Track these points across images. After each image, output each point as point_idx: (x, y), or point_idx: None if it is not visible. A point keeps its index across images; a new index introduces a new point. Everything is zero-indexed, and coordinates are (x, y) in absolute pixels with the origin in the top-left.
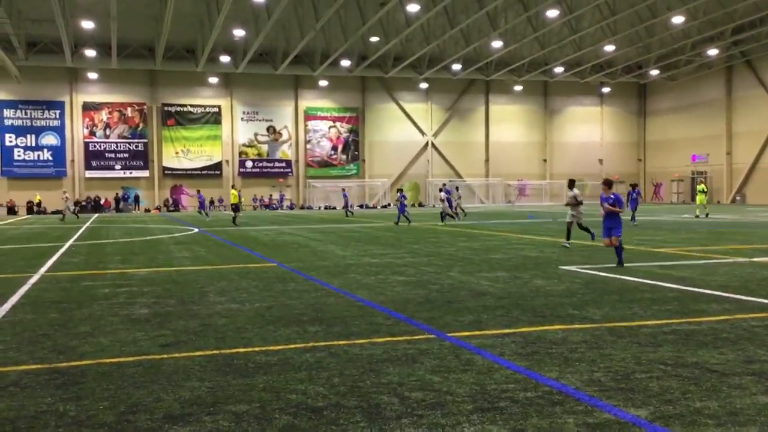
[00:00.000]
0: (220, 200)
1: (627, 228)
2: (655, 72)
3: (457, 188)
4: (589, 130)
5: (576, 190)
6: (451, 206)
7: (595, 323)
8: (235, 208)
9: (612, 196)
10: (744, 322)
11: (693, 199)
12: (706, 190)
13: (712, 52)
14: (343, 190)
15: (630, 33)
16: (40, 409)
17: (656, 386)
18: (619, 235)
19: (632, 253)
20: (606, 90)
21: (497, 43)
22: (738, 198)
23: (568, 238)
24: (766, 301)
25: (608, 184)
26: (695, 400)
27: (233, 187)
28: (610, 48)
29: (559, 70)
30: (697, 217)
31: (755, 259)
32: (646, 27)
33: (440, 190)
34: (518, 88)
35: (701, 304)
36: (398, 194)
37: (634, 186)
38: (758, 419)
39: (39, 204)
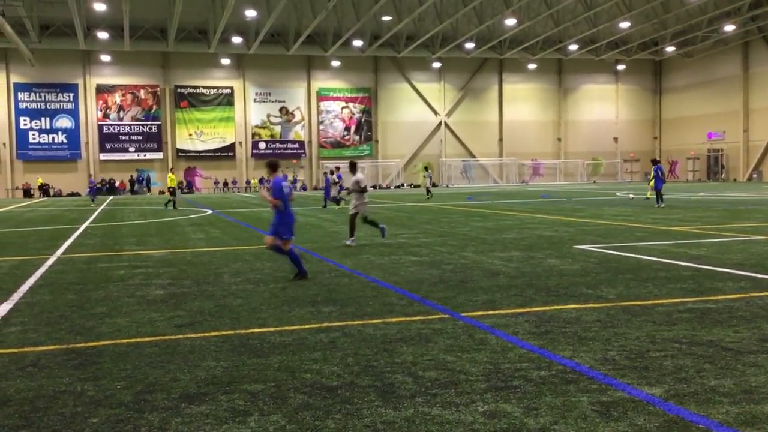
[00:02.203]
0: (234, 182)
1: (644, 208)
2: (671, 49)
3: (426, 168)
4: (604, 108)
5: (360, 175)
6: (341, 189)
7: (610, 302)
8: (172, 191)
9: (273, 181)
10: (760, 300)
11: (708, 177)
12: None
13: (729, 27)
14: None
15: (646, 9)
16: (59, 389)
17: (671, 364)
18: (287, 237)
19: (647, 232)
20: (621, 67)
21: (511, 21)
22: (755, 175)
23: (351, 234)
24: None
25: (271, 166)
26: (710, 378)
27: (171, 170)
28: (625, 25)
29: (573, 47)
30: (647, 199)
31: None
32: (662, 3)
33: (331, 173)
34: (532, 66)
35: (717, 283)
36: (327, 176)
37: (655, 162)
38: None
39: (41, 187)
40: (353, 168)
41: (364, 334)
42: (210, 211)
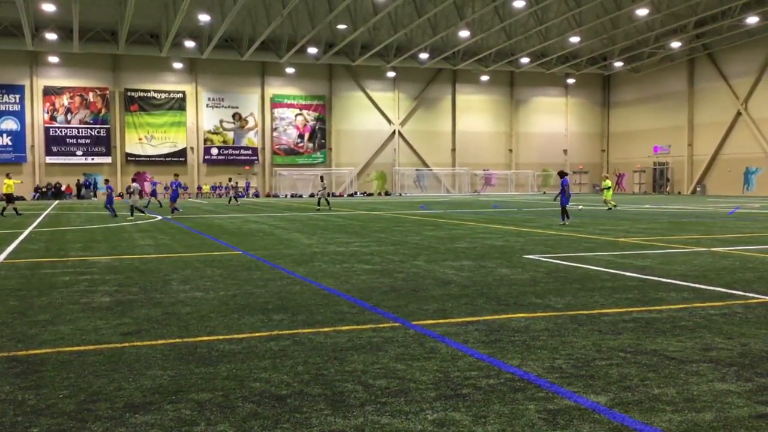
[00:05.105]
0: (185, 188)
1: (592, 219)
2: (619, 64)
3: (321, 178)
4: (554, 120)
5: None
6: (155, 195)
7: (558, 311)
8: (9, 198)
9: None
10: (702, 311)
11: (654, 189)
12: (610, 186)
13: (675, 44)
14: (153, 179)
15: (595, 25)
16: None
17: (616, 373)
18: None
19: (594, 242)
20: (571, 81)
21: (464, 33)
22: (699, 189)
23: None
24: (723, 290)
25: None
26: (653, 387)
27: (8, 175)
28: (575, 39)
29: (525, 60)
30: (609, 209)
31: (714, 249)
32: (611, 19)
33: (133, 181)
34: (485, 78)
35: (661, 293)
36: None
37: (562, 174)
38: (714, 405)
39: None
40: None
41: (315, 342)
42: (159, 218)
